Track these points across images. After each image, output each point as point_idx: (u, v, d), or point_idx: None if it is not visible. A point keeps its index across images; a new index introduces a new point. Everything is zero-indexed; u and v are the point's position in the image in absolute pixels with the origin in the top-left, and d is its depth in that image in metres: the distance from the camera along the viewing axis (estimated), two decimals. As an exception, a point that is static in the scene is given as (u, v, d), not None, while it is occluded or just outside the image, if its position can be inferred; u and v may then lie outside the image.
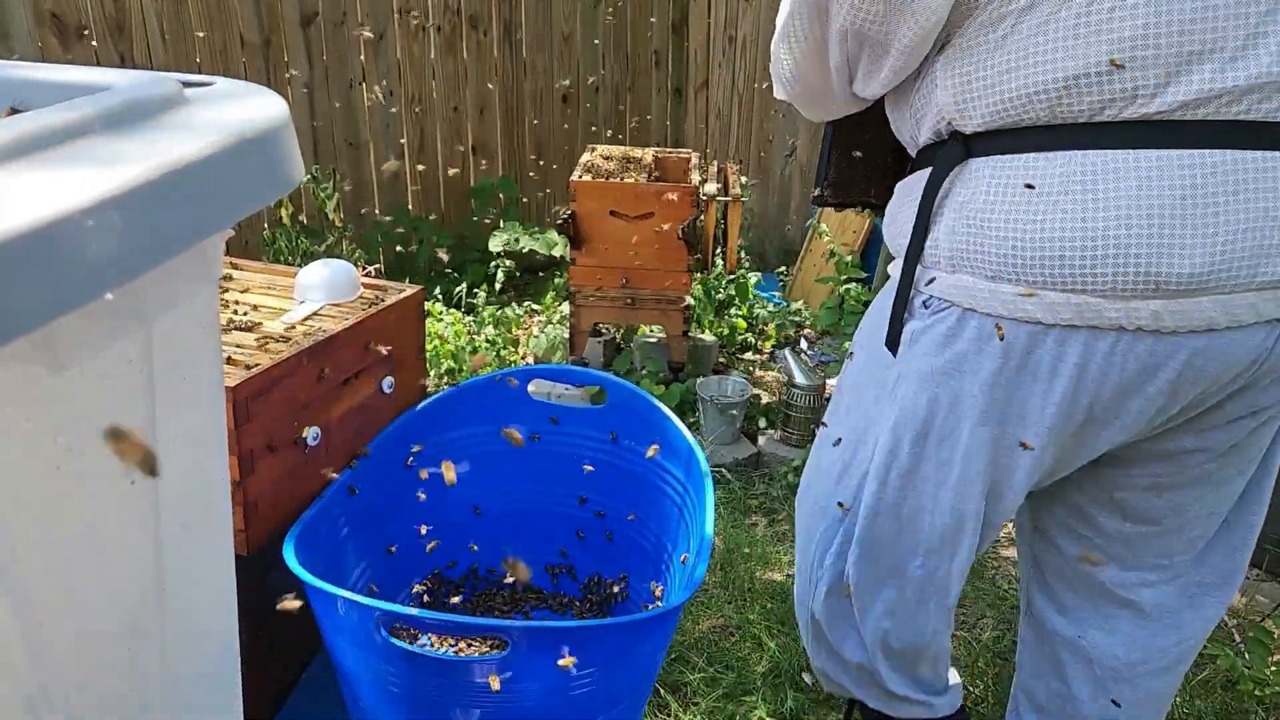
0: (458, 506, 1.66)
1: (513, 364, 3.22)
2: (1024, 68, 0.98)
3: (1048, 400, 1.04)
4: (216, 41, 3.07)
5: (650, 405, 1.56)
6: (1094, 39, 0.93)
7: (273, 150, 0.49)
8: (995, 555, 2.31)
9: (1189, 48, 0.91)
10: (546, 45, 4.00)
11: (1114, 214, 0.94)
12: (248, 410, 1.14)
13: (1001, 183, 1.01)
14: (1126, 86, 0.94)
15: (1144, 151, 0.94)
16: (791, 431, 2.69)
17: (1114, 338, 0.98)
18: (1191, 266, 0.92)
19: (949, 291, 1.07)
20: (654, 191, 2.67)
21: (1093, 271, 0.95)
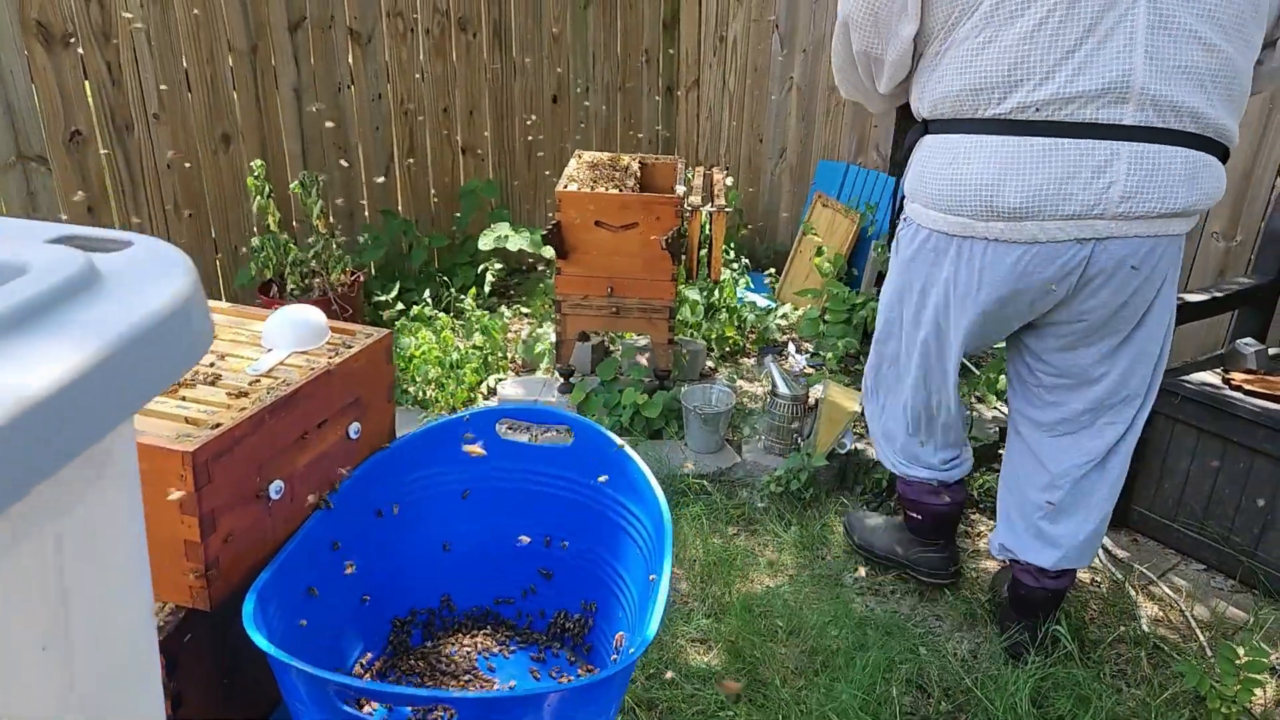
0: (426, 544, 1.68)
1: (502, 367, 3.25)
2: (944, 81, 1.64)
3: (949, 271, 1.74)
4: (204, 48, 3.07)
5: (613, 445, 1.58)
6: (974, 66, 1.58)
7: (177, 332, 0.49)
8: (978, 569, 2.34)
9: (1016, 76, 1.55)
10: (536, 46, 4.00)
11: (977, 171, 1.61)
12: (208, 473, 1.16)
13: (934, 150, 1.70)
14: (990, 96, 1.58)
15: (994, 136, 1.60)
16: (775, 441, 2.71)
17: (982, 243, 1.67)
18: (1015, 202, 1.59)
19: (910, 213, 1.80)
20: (639, 202, 2.68)
21: (968, 203, 1.64)
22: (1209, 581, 2.29)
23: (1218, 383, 2.31)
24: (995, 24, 1.53)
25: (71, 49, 2.78)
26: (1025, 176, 1.56)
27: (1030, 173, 1.56)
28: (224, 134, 3.20)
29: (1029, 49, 1.51)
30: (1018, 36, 1.52)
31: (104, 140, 2.92)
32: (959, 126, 1.64)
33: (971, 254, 1.68)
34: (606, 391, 2.86)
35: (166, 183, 3.09)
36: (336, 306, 3.13)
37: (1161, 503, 2.40)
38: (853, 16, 1.72)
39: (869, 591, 2.24)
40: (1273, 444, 2.13)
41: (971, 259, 1.69)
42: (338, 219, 3.59)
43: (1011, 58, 1.53)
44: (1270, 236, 2.51)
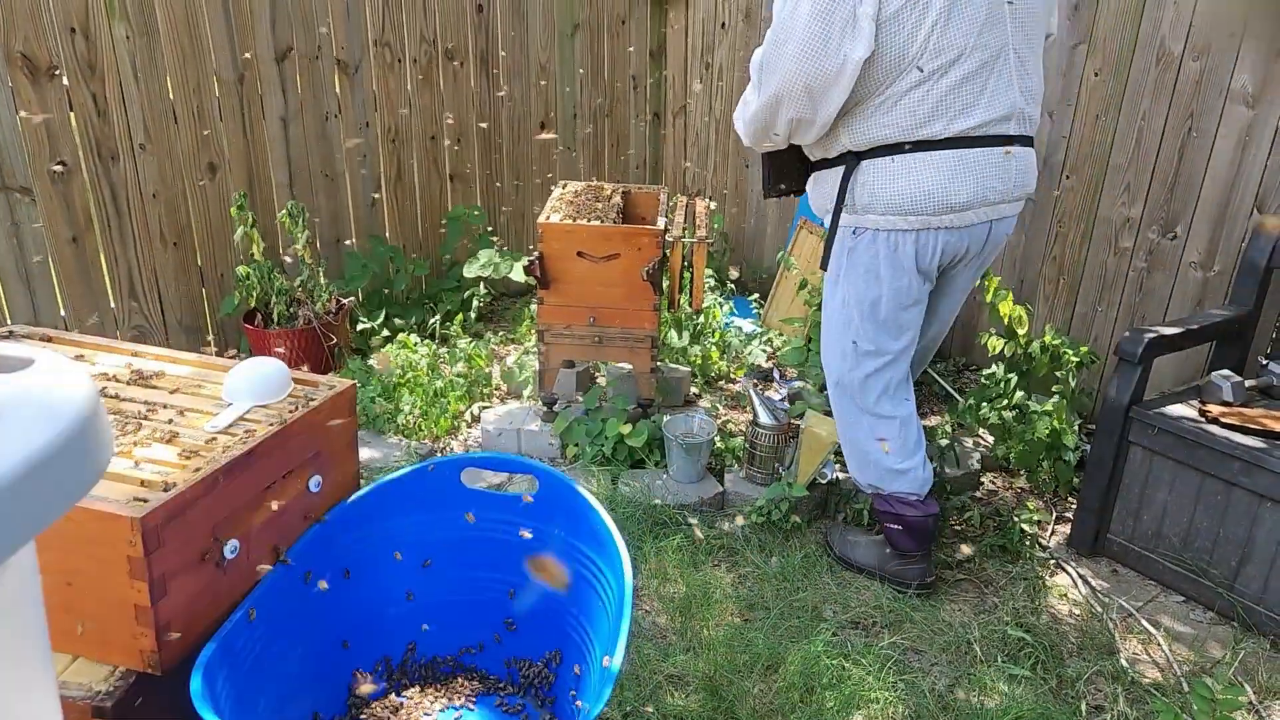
0: (390, 595, 1.68)
1: (485, 395, 3.25)
2: (891, 123, 2.04)
3: (911, 258, 2.14)
4: (190, 79, 3.09)
5: (577, 496, 1.58)
6: (922, 109, 2.02)
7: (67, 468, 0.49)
8: (957, 601, 2.33)
9: (953, 112, 2.01)
10: (523, 74, 4.02)
11: (930, 178, 2.05)
12: (159, 537, 1.15)
13: (883, 170, 2.09)
14: (935, 128, 2.02)
15: (941, 152, 2.04)
16: (757, 470, 2.72)
17: (935, 232, 2.11)
18: (962, 199, 2.07)
19: (865, 223, 2.15)
20: (620, 233, 2.70)
21: (924, 204, 2.07)
22: (1188, 614, 2.29)
23: (1194, 415, 2.32)
24: (932, 80, 2.00)
25: (57, 81, 2.80)
26: (966, 178, 2.07)
27: (969, 176, 2.07)
28: (210, 163, 3.22)
29: (960, 93, 2.02)
30: (949, 86, 2.01)
31: (89, 171, 2.93)
32: (906, 149, 2.06)
33: (925, 241, 2.12)
34: (589, 420, 2.86)
35: (152, 212, 3.10)
36: (321, 335, 3.14)
37: (1140, 534, 2.40)
38: (786, 92, 2.02)
39: (849, 625, 2.24)
40: (1248, 477, 2.14)
41: (925, 245, 2.13)
42: (325, 246, 3.60)
43: (950, 102, 2.02)
44: (1247, 268, 2.53)
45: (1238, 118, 2.63)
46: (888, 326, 2.23)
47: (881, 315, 2.22)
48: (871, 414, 2.31)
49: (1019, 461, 2.81)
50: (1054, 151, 3.14)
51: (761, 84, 2.08)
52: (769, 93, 2.05)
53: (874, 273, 2.18)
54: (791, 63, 1.97)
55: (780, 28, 2.00)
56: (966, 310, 3.58)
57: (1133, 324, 2.97)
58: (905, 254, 2.14)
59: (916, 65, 1.96)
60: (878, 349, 2.25)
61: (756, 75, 2.12)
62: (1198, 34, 2.68)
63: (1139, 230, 2.94)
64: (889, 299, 2.20)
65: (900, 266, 2.15)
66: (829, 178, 2.20)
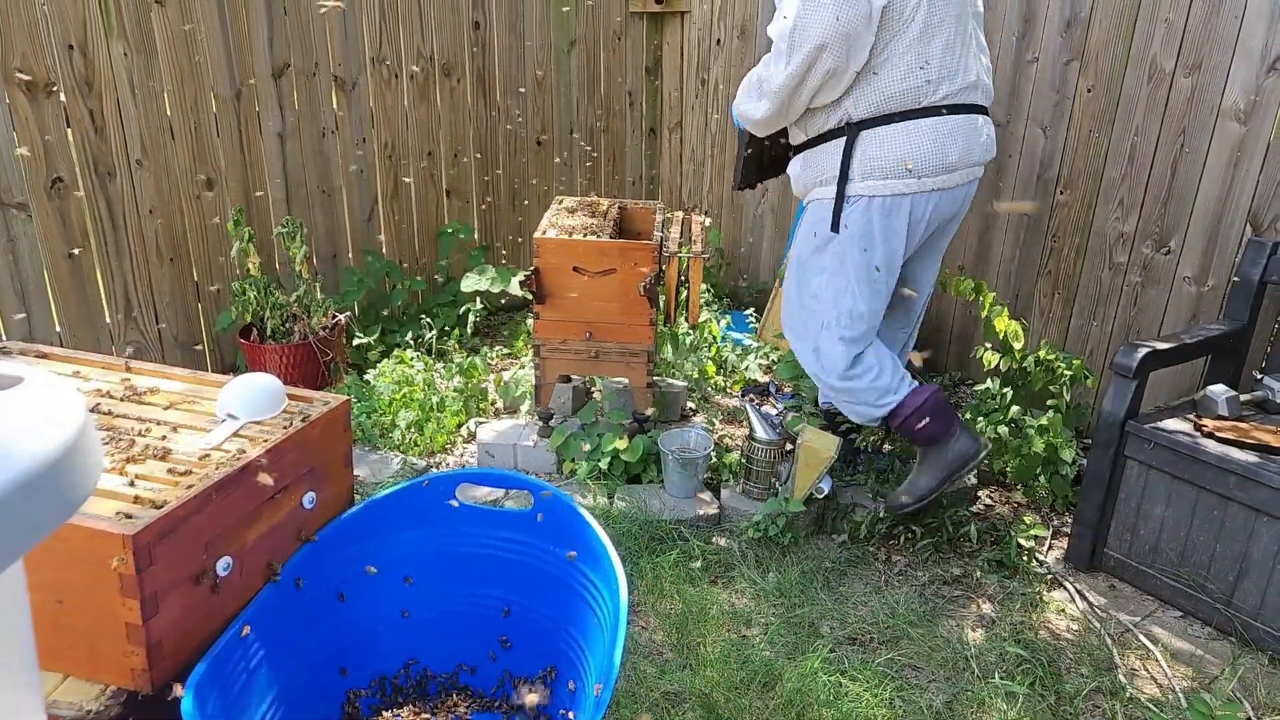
0: (384, 612, 1.67)
1: (481, 410, 3.24)
2: (889, 86, 2.27)
3: (905, 222, 2.36)
4: (187, 96, 3.10)
5: (574, 513, 1.58)
6: (914, 74, 2.25)
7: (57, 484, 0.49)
8: (955, 617, 2.33)
9: (940, 76, 2.27)
10: (520, 91, 4.04)
11: (929, 142, 2.28)
12: (150, 554, 1.14)
13: (884, 137, 2.29)
14: (926, 91, 2.27)
15: (933, 118, 2.28)
16: (754, 485, 2.71)
17: (928, 195, 2.34)
18: (954, 158, 2.31)
19: (862, 190, 2.34)
20: (616, 249, 2.70)
21: (922, 167, 2.29)
22: (1186, 629, 2.29)
23: (1190, 429, 2.32)
24: (923, 42, 2.24)
25: (54, 98, 2.81)
26: (956, 140, 2.31)
27: (958, 137, 2.32)
28: (207, 179, 3.23)
29: (945, 58, 2.27)
30: (938, 51, 2.26)
31: (86, 187, 2.94)
32: (901, 117, 2.29)
33: (920, 203, 2.34)
34: (585, 435, 2.85)
35: (149, 228, 3.11)
36: (317, 350, 3.14)
37: (1138, 549, 2.40)
38: (830, 40, 2.18)
39: (845, 641, 2.23)
40: (1245, 492, 2.14)
41: (920, 207, 2.35)
42: (321, 261, 3.60)
43: (936, 65, 2.26)
44: (1241, 282, 2.54)
45: (1229, 134, 2.64)
46: (879, 290, 2.44)
47: (874, 279, 2.41)
48: (855, 372, 2.50)
49: (1015, 476, 2.81)
50: (1048, 166, 3.16)
51: (796, 43, 2.23)
52: (812, 44, 2.20)
53: (869, 238, 2.37)
54: (829, 12, 2.17)
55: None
56: (962, 325, 3.58)
57: (1128, 338, 2.98)
58: (900, 217, 2.34)
59: (911, 22, 2.22)
60: (870, 310, 2.44)
61: (788, 39, 2.25)
62: (1189, 51, 2.70)
63: (1133, 245, 2.95)
64: (884, 262, 2.40)
65: (895, 230, 2.36)
66: (825, 152, 2.39)
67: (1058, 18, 3.02)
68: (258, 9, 3.20)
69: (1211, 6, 2.62)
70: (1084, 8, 2.94)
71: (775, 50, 2.32)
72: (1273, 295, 2.57)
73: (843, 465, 2.86)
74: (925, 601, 2.37)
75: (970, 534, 2.60)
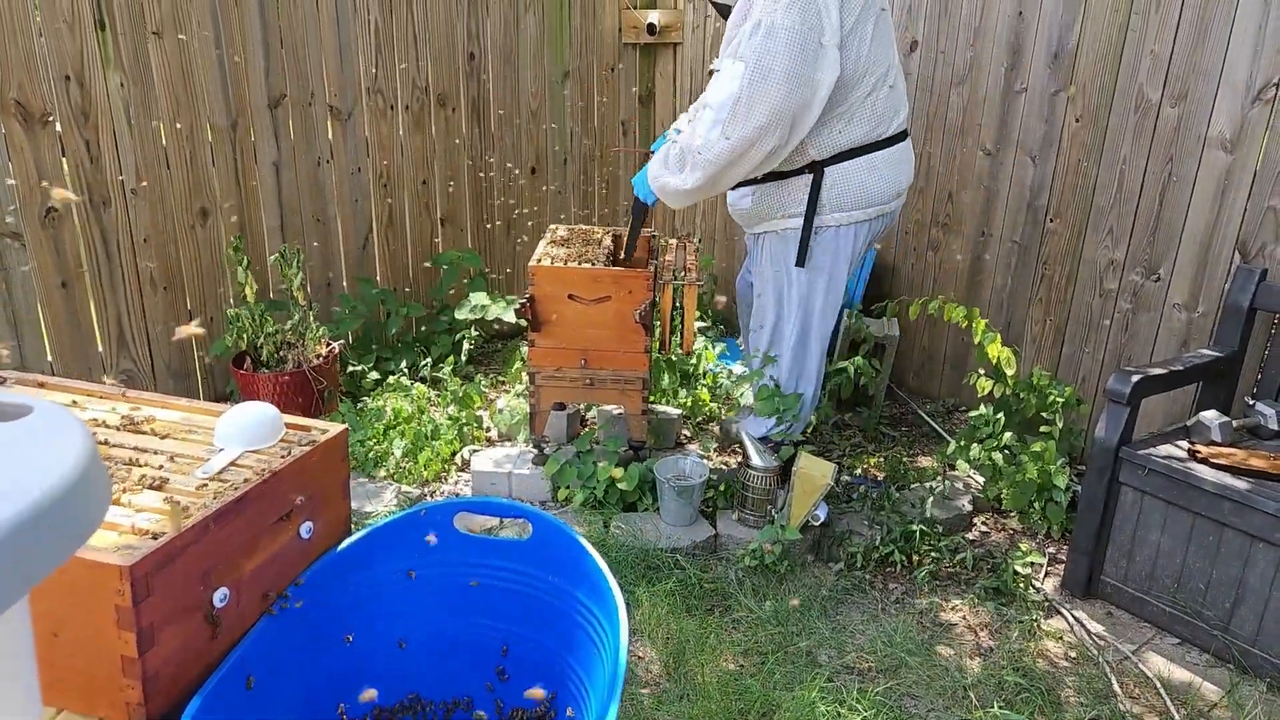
0: (382, 643, 1.65)
1: (475, 439, 3.23)
2: (852, 129, 2.42)
3: (864, 243, 2.58)
4: (184, 126, 3.11)
5: (573, 542, 1.57)
6: (875, 114, 2.43)
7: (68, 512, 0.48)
8: (952, 645, 2.32)
9: (892, 112, 2.47)
10: (514, 120, 4.07)
11: (886, 171, 2.49)
12: (147, 585, 1.13)
13: (847, 172, 2.46)
14: (875, 129, 2.44)
15: (890, 148, 2.49)
16: (749, 513, 2.70)
17: (883, 218, 2.57)
18: (905, 184, 2.57)
19: (828, 221, 2.51)
20: (610, 276, 2.71)
21: (882, 194, 2.51)
22: (1184, 656, 2.28)
23: (1184, 455, 2.33)
24: (876, 90, 2.40)
25: (50, 128, 2.82)
26: (904, 167, 2.54)
27: (904, 164, 2.54)
28: (202, 208, 3.23)
29: (891, 97, 2.45)
30: (886, 93, 2.44)
31: (81, 216, 2.94)
32: (863, 151, 2.44)
33: (871, 228, 2.56)
34: (581, 463, 2.85)
35: (143, 257, 3.11)
36: (311, 378, 3.13)
37: (1134, 576, 2.40)
38: (774, 122, 2.25)
39: (843, 670, 2.21)
40: (1240, 518, 2.15)
41: (868, 231, 2.56)
42: (315, 289, 3.60)
43: (886, 105, 2.44)
44: (1231, 309, 2.56)
45: (1216, 163, 2.68)
46: (834, 309, 2.64)
47: (834, 300, 2.62)
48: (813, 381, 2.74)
49: (1010, 503, 2.81)
50: (1038, 195, 3.19)
51: (739, 115, 2.25)
52: (755, 125, 2.25)
53: (828, 266, 2.55)
54: (779, 95, 2.21)
55: (759, 64, 2.21)
56: (954, 352, 3.60)
57: (1119, 365, 3.00)
58: (859, 242, 2.55)
59: (864, 79, 2.36)
60: (823, 332, 2.65)
61: (730, 109, 2.25)
62: (1174, 82, 2.75)
63: (1123, 272, 2.98)
64: (839, 284, 2.60)
65: (850, 255, 2.56)
66: (789, 187, 2.51)
67: (1045, 49, 3.07)
68: (254, 40, 3.23)
69: (1196, 38, 2.67)
70: (1070, 39, 2.99)
71: (713, 119, 2.27)
72: (1262, 322, 2.59)
73: (840, 492, 2.86)
74: (923, 629, 2.36)
75: (966, 560, 2.60)
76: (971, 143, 3.37)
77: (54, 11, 2.75)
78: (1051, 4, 3.03)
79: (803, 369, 2.70)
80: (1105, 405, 2.41)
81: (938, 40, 3.40)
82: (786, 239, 2.57)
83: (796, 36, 2.18)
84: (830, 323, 2.66)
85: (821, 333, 2.66)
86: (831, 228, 2.51)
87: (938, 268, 3.61)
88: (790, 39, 2.18)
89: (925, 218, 3.61)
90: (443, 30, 3.75)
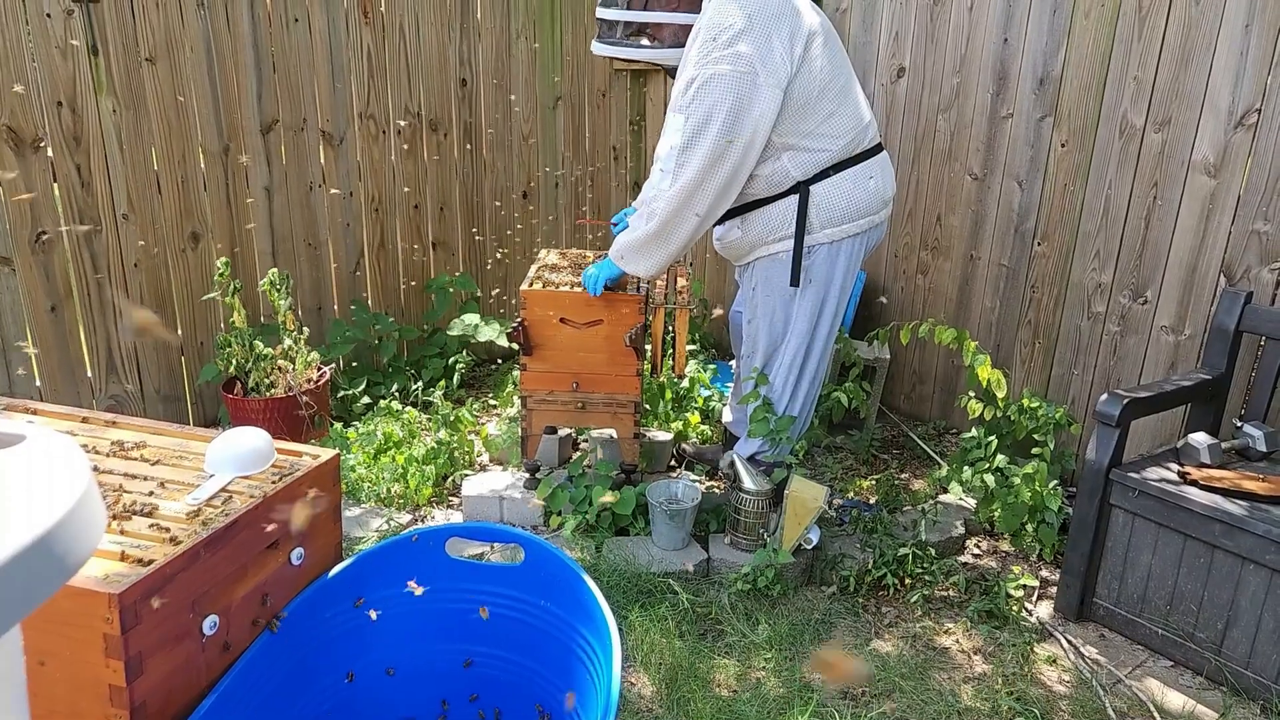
0: (371, 671, 1.63)
1: (468, 464, 3.22)
2: (825, 147, 2.47)
3: (854, 260, 2.60)
4: (175, 151, 3.12)
5: (566, 568, 1.56)
6: (848, 128, 2.49)
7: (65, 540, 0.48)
8: (946, 669, 2.31)
9: (862, 123, 2.53)
10: (506, 144, 4.09)
11: (873, 183, 2.54)
12: (135, 613, 1.12)
13: (831, 188, 2.50)
14: (848, 144, 2.49)
15: (869, 160, 2.55)
16: (741, 536, 2.70)
17: (876, 229, 2.64)
18: (889, 193, 2.62)
19: (819, 238, 2.53)
20: (602, 300, 2.72)
21: (873, 204, 2.56)
22: (1177, 679, 2.28)
23: (1174, 478, 2.34)
24: (842, 104, 2.46)
25: (41, 153, 2.82)
26: (887, 176, 2.61)
27: (886, 173, 2.62)
28: (193, 233, 3.23)
29: (859, 109, 2.53)
30: (853, 105, 2.50)
31: (71, 241, 2.93)
32: (843, 166, 2.50)
33: (865, 240, 2.60)
34: (573, 487, 2.84)
35: (134, 281, 3.10)
36: (302, 403, 3.12)
37: (1126, 598, 2.40)
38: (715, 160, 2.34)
39: (838, 695, 2.20)
40: (1230, 539, 2.15)
41: (864, 243, 2.60)
42: (307, 313, 3.60)
43: (854, 118, 2.50)
44: (1217, 332, 2.58)
45: (1200, 187, 2.71)
46: (834, 327, 2.67)
47: (834, 317, 2.65)
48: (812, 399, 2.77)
49: (1002, 525, 2.81)
50: (1025, 218, 3.22)
51: (683, 165, 2.37)
52: (696, 167, 2.35)
53: (831, 280, 2.58)
54: (712, 137, 2.32)
55: (695, 113, 2.33)
56: (945, 374, 3.61)
57: (1108, 387, 3.01)
58: (854, 257, 2.59)
59: (824, 99, 2.43)
60: (824, 351, 2.68)
61: (676, 158, 2.38)
62: (1158, 107, 2.78)
63: (1110, 295, 3.00)
64: (839, 301, 2.62)
65: (845, 270, 2.59)
66: (775, 209, 2.53)
67: (1031, 75, 3.12)
68: (247, 66, 3.24)
69: (1178, 65, 2.71)
70: (1056, 66, 3.03)
71: (660, 170, 2.43)
72: (1249, 344, 2.61)
73: (832, 515, 2.86)
74: (916, 654, 2.35)
75: (959, 583, 2.59)
76: (959, 167, 3.41)
77: (47, 37, 2.76)
78: (1036, 31, 3.07)
79: (796, 390, 2.70)
80: (1095, 427, 2.42)
81: (925, 67, 3.44)
82: (780, 261, 2.58)
83: (730, 82, 2.30)
84: (831, 341, 2.68)
85: (822, 352, 2.67)
86: (824, 244, 2.54)
87: (927, 290, 3.63)
88: (724, 85, 2.30)
89: (914, 241, 3.63)
90: (435, 56, 3.78)
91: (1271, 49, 2.51)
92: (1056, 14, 3.01)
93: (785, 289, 2.59)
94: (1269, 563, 2.09)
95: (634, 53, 2.64)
